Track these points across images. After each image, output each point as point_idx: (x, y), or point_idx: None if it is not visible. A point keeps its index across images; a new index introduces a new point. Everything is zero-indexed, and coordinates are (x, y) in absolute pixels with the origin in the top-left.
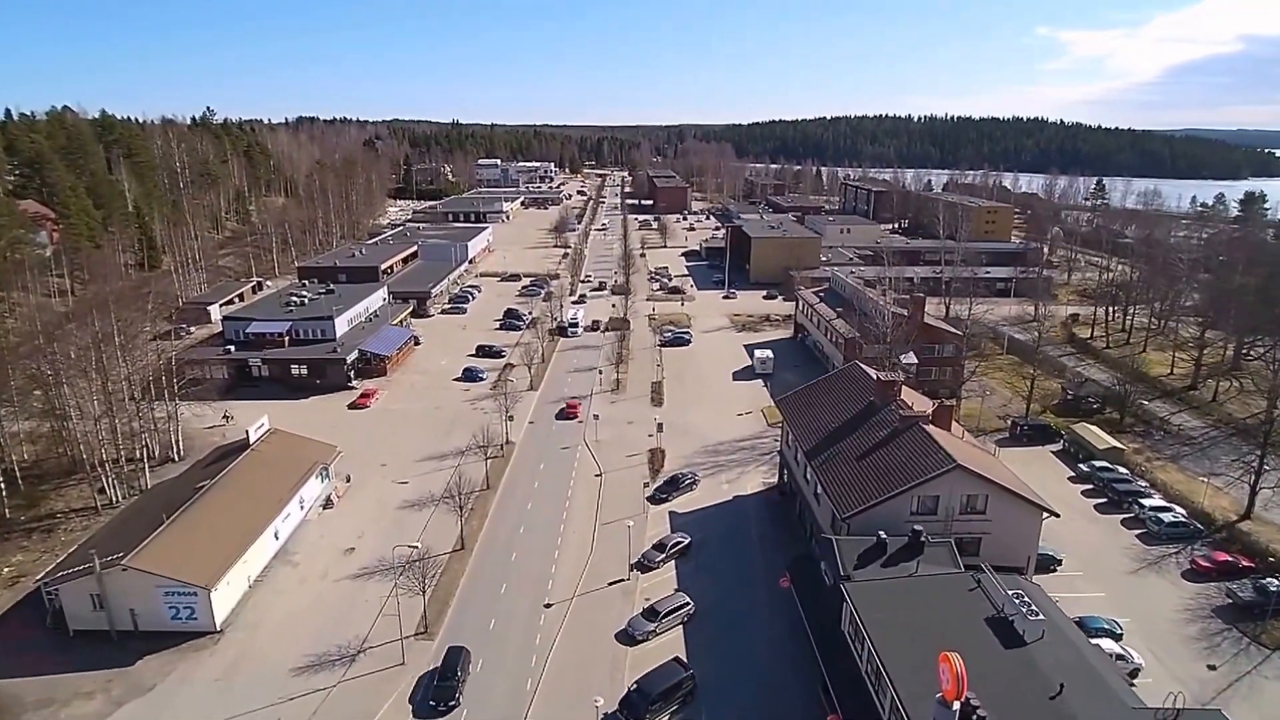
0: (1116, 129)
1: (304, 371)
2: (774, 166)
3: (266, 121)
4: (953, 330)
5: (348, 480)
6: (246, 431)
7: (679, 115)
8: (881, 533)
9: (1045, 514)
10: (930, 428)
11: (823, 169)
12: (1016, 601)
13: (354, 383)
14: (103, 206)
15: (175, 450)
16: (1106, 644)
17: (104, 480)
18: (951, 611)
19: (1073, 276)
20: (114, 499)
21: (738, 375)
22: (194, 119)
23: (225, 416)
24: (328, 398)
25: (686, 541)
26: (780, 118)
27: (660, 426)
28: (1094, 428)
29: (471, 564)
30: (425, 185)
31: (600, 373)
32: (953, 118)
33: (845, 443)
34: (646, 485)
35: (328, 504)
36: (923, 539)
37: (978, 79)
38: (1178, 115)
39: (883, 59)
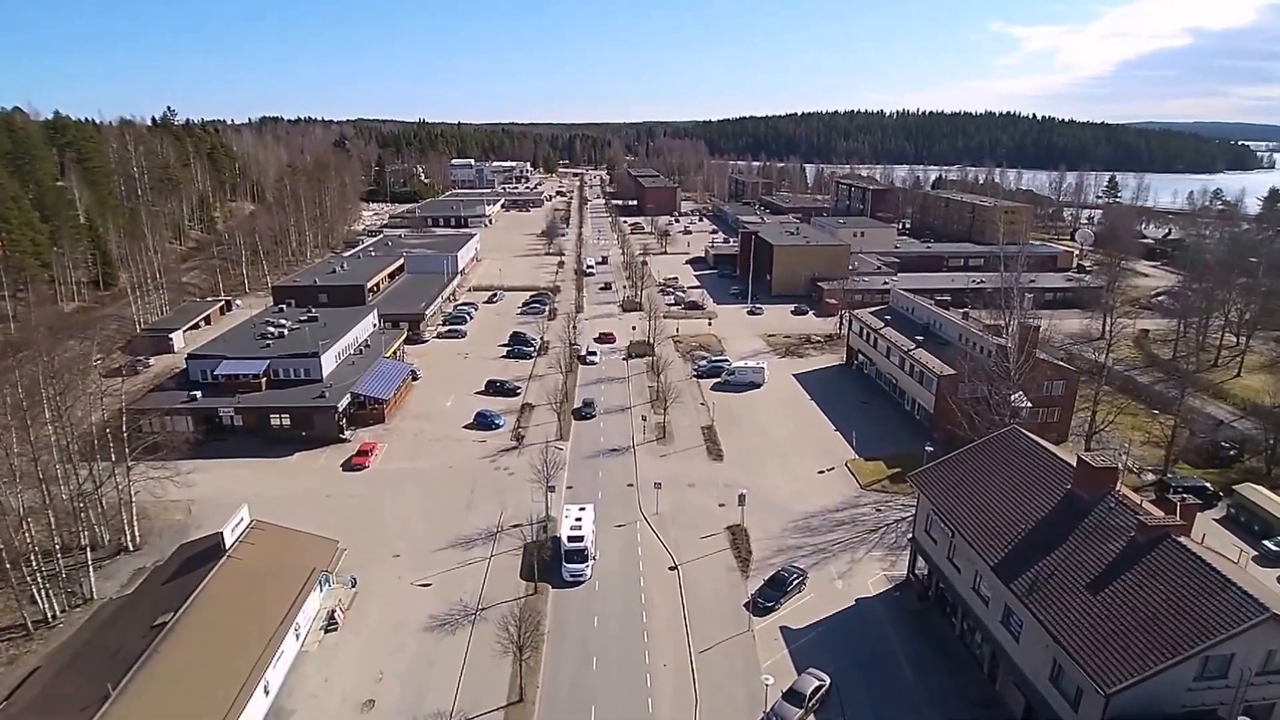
0: (1089, 123)
1: (286, 422)
2: (755, 164)
3: (229, 122)
4: (1066, 365)
5: (353, 585)
6: (220, 533)
7: (645, 112)
8: None
9: None
10: (1187, 542)
11: (806, 166)
12: None
13: (346, 433)
14: (50, 218)
15: (129, 537)
16: None
17: (35, 587)
18: None
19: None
20: (48, 614)
21: (799, 415)
22: (154, 119)
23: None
24: (316, 454)
25: (827, 685)
26: (750, 114)
27: (742, 498)
28: (1262, 489)
29: None
30: (399, 187)
31: (645, 419)
32: (924, 112)
33: (1052, 557)
34: (751, 595)
35: (330, 624)
36: None
37: (933, 74)
38: (1128, 108)
39: (840, 53)
